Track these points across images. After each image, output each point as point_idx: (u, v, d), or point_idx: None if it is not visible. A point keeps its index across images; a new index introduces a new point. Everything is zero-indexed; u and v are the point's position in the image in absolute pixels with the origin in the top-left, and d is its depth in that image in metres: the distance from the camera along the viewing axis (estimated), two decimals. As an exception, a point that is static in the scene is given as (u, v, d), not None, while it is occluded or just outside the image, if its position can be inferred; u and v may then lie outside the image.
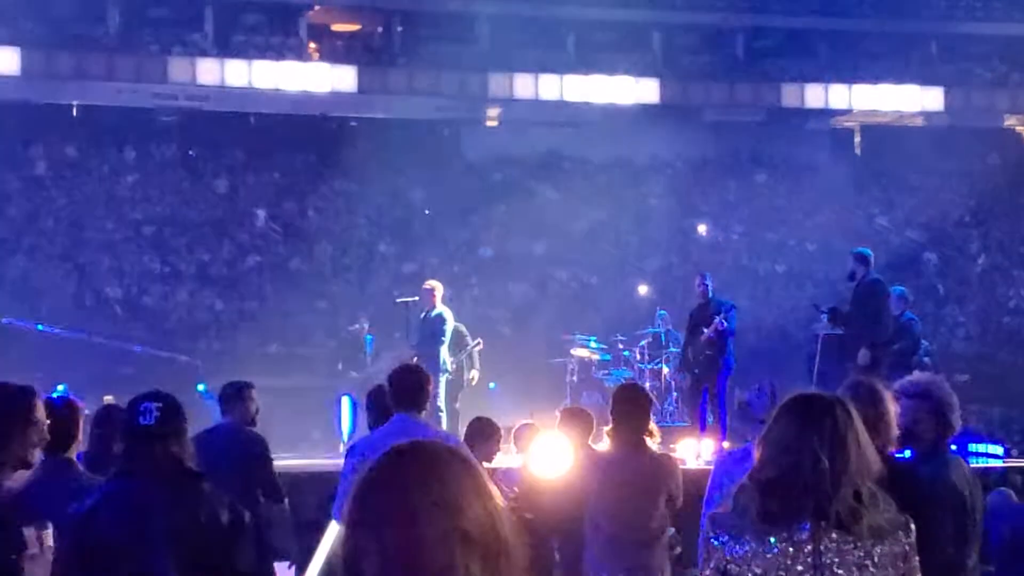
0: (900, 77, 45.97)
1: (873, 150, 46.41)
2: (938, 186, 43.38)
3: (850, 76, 45.77)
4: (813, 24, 45.91)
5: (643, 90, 43.92)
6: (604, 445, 9.59)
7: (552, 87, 43.28)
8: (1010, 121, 47.07)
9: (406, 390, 8.96)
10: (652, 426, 9.30)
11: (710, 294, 18.49)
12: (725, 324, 17.78)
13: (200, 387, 23.39)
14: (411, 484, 2.82)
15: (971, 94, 46.11)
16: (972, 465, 9.87)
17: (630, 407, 9.14)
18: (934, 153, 44.42)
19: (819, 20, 45.97)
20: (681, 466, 10.51)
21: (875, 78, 45.83)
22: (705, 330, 17.86)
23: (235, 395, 10.94)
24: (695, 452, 17.06)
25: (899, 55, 46.55)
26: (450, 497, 2.80)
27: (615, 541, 8.79)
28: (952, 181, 43.67)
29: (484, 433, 10.28)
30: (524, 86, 43.05)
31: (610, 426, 9.20)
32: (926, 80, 46.03)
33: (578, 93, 43.41)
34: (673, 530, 9.08)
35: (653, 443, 9.25)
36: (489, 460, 10.05)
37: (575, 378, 22.04)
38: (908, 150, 44.71)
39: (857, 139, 47.15)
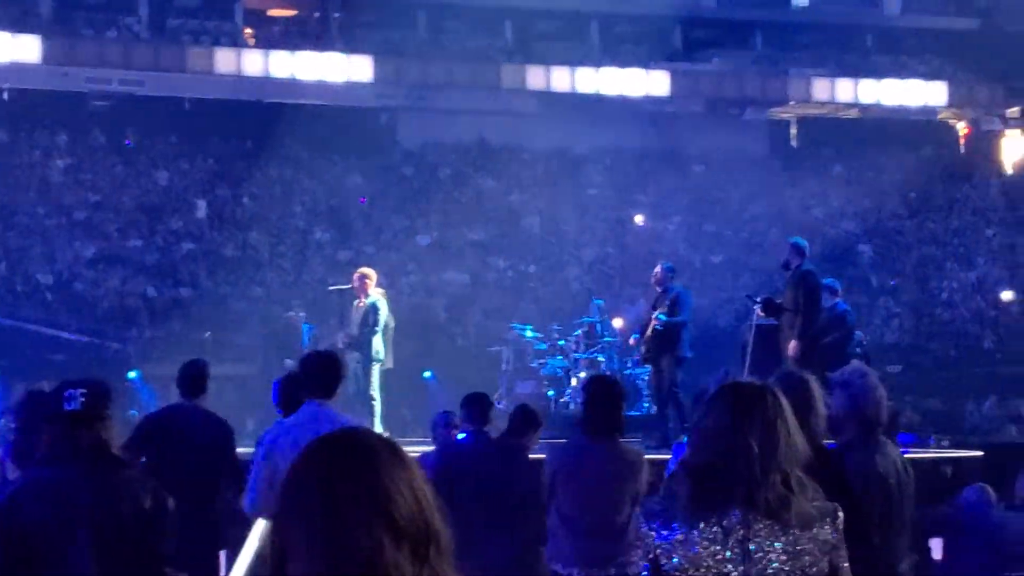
0: (836, 69, 46.26)
1: (809, 142, 46.70)
2: (873, 178, 43.69)
3: (786, 68, 46.03)
4: (750, 15, 46.13)
5: (581, 79, 43.97)
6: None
7: (490, 75, 43.26)
8: (944, 114, 47.40)
9: (317, 377, 8.77)
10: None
11: (666, 284, 18.46)
12: (663, 319, 17.78)
13: (131, 374, 23.27)
14: (339, 474, 2.78)
15: (906, 87, 46.40)
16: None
17: (602, 398, 9.12)
18: (869, 145, 44.77)
19: (756, 12, 46.19)
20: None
21: (811, 70, 46.10)
22: (651, 322, 17.91)
23: (200, 376, 10.48)
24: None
25: (835, 47, 46.85)
26: (379, 487, 2.77)
27: (582, 532, 8.76)
28: (887, 173, 44.00)
29: (529, 422, 10.24)
30: (462, 74, 42.98)
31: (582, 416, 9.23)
32: (862, 73, 46.33)
33: (516, 81, 43.40)
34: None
35: None
36: (530, 448, 10.14)
37: (510, 367, 22.04)
38: (843, 142, 45.06)
39: (793, 131, 47.46)
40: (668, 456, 10.25)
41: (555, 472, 8.93)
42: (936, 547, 10.85)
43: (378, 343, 17.69)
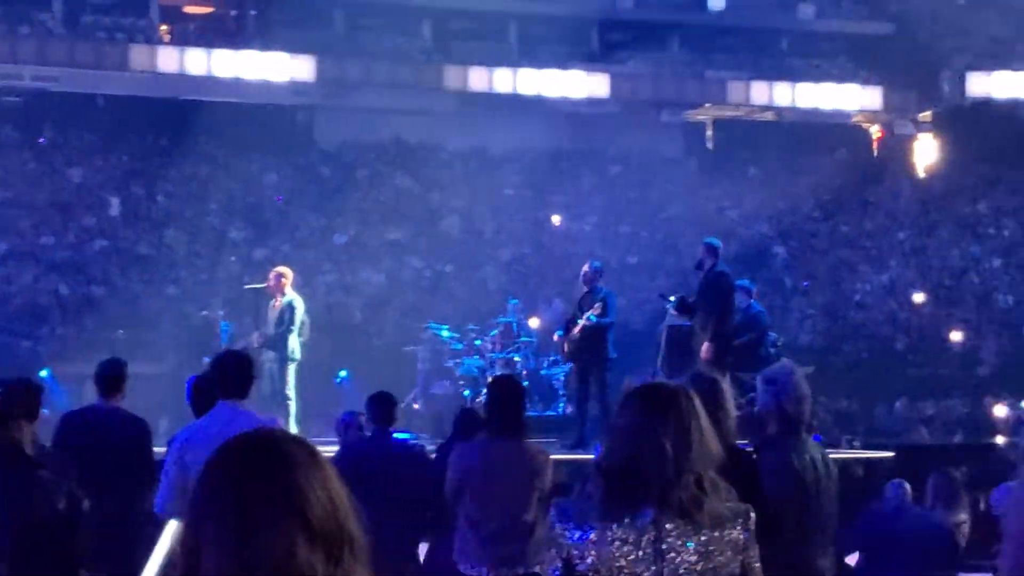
0: (751, 72, 46.49)
1: (725, 143, 46.95)
2: (787, 180, 43.92)
3: (702, 70, 46.22)
4: (667, 18, 46.29)
5: (498, 80, 43.99)
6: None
7: (408, 74, 43.20)
8: (858, 118, 47.77)
9: (230, 377, 8.72)
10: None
11: (594, 284, 18.47)
12: (591, 320, 17.82)
13: (43, 373, 23.05)
14: (253, 474, 2.76)
15: (820, 90, 46.72)
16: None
17: (505, 398, 9.14)
18: (784, 148, 45.04)
19: (673, 14, 46.36)
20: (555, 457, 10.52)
21: (727, 73, 46.32)
22: (580, 321, 17.92)
23: (118, 376, 10.35)
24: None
25: (750, 51, 47.08)
26: (293, 488, 2.75)
27: (489, 532, 8.76)
28: (801, 176, 44.26)
29: (476, 424, 10.26)
30: (380, 73, 42.89)
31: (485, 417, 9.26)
32: (777, 76, 46.60)
33: (434, 81, 43.38)
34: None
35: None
36: None
37: (426, 367, 22.06)
38: (759, 144, 45.30)
39: (709, 132, 47.63)
40: (585, 456, 10.31)
41: (460, 473, 8.94)
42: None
43: (294, 342, 17.68)
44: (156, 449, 10.43)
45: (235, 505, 2.74)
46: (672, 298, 18.30)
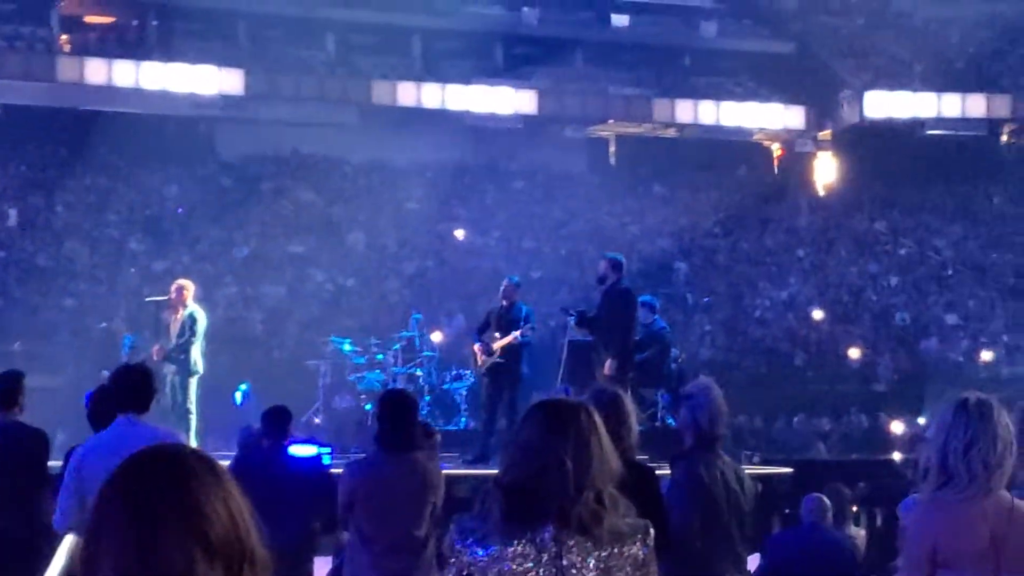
0: (654, 89, 46.75)
1: (627, 160, 47.14)
2: (689, 197, 44.23)
3: (606, 87, 46.41)
4: (571, 34, 46.46)
5: (402, 93, 44.01)
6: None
7: (311, 87, 43.13)
8: (759, 136, 48.16)
9: (130, 390, 8.68)
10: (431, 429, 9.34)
11: (513, 298, 18.50)
12: (527, 336, 17.88)
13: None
14: (152, 491, 2.75)
15: (722, 108, 47.05)
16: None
17: (394, 413, 9.11)
18: (686, 165, 45.33)
19: (576, 31, 46.54)
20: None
21: (630, 90, 46.55)
22: (498, 335, 17.92)
23: (14, 388, 10.21)
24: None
25: (653, 68, 47.35)
26: (193, 504, 2.74)
27: (381, 548, 8.72)
28: (702, 193, 44.59)
29: (424, 434, 10.21)
30: (283, 85, 42.79)
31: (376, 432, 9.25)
32: (679, 93, 46.89)
33: (337, 94, 43.32)
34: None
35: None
36: (432, 459, 10.24)
37: (328, 380, 22.00)
38: (661, 161, 45.56)
39: (612, 148, 47.82)
40: (487, 471, 10.32)
41: (352, 489, 8.92)
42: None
43: (196, 354, 17.60)
44: (53, 463, 10.36)
45: (134, 522, 2.72)
46: (573, 312, 18.32)
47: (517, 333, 17.84)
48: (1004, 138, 47.84)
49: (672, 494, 7.50)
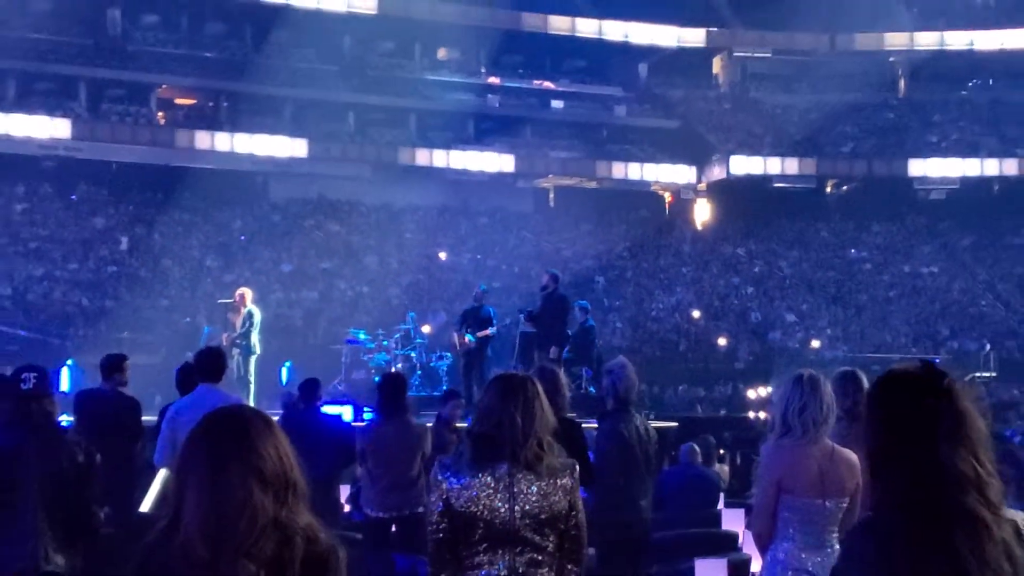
0: (581, 153, 46.80)
1: (562, 203, 47.11)
2: (605, 230, 44.33)
3: (547, 151, 46.39)
4: (522, 113, 46.44)
5: (402, 155, 44.03)
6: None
7: (337, 150, 43.06)
8: (655, 187, 48.19)
9: (207, 366, 8.70)
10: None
11: (483, 300, 18.68)
12: (471, 340, 18.02)
13: (68, 362, 22.64)
14: (223, 438, 2.79)
15: (629, 167, 47.12)
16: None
17: (391, 389, 9.13)
18: (603, 207, 45.40)
19: (525, 111, 46.53)
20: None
21: (564, 153, 46.58)
22: (466, 332, 18.07)
23: (117, 364, 10.05)
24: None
25: (580, 138, 47.41)
26: (251, 447, 2.77)
27: (384, 486, 8.73)
28: (615, 227, 44.67)
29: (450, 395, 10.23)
30: (317, 149, 42.69)
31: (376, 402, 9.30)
32: (599, 156, 46.98)
33: (356, 155, 43.27)
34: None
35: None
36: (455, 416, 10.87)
37: (348, 360, 21.93)
38: (586, 205, 45.59)
39: (551, 195, 47.75)
40: (463, 425, 10.33)
41: (364, 444, 8.96)
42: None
43: (254, 341, 17.59)
44: (147, 418, 10.32)
45: (209, 461, 2.76)
46: (525, 312, 18.39)
47: (492, 330, 18.05)
48: (828, 189, 48.10)
49: (600, 443, 7.54)
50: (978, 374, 31.57)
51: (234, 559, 2.71)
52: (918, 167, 46.64)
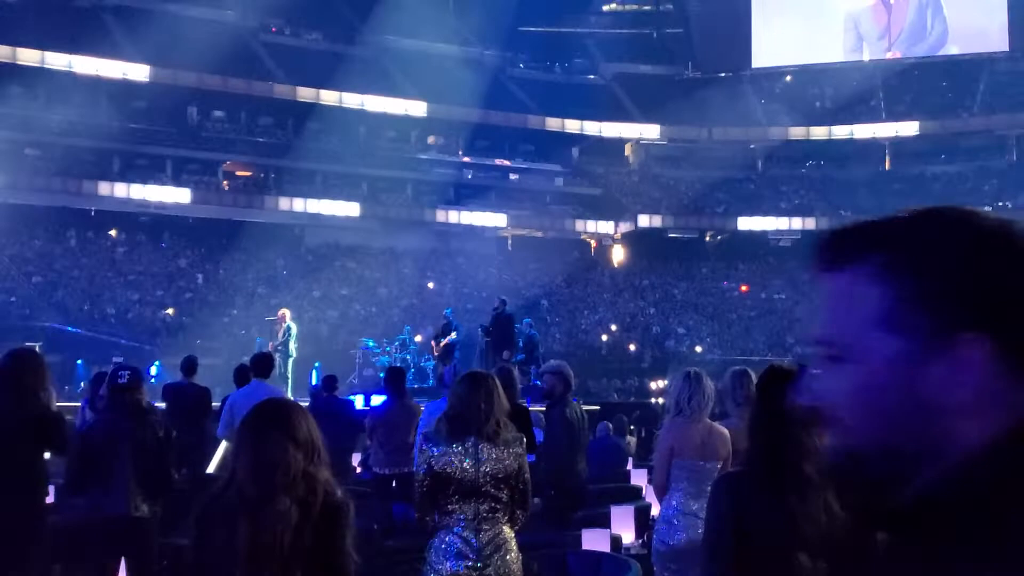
0: (530, 211, 46.69)
1: (518, 247, 47.07)
2: (548, 267, 44.32)
3: (507, 210, 46.30)
4: (490, 183, 46.47)
5: (401, 213, 43.99)
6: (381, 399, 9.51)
7: (353, 209, 42.93)
8: (584, 236, 48.32)
9: (259, 365, 8.68)
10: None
11: (448, 320, 18.89)
12: (452, 340, 18.18)
13: (156, 363, 22.43)
14: (269, 420, 2.87)
15: (566, 222, 47.28)
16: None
17: (395, 378, 9.12)
18: (547, 250, 45.42)
19: (493, 181, 46.57)
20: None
21: (515, 212, 46.56)
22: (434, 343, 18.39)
23: (193, 365, 10.21)
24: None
25: (531, 200, 47.37)
26: (288, 424, 2.84)
27: (389, 449, 8.65)
28: (555, 265, 44.70)
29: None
30: (338, 208, 42.62)
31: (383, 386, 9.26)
32: (543, 214, 47.02)
33: (368, 213, 43.16)
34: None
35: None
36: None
37: (361, 361, 21.83)
38: (535, 249, 45.66)
39: (509, 243, 47.79)
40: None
41: (373, 419, 8.92)
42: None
43: (292, 348, 17.48)
44: (214, 404, 10.22)
45: (257, 433, 2.87)
46: (483, 327, 18.57)
47: (450, 338, 18.18)
48: (707, 238, 48.34)
49: (549, 425, 7.49)
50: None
51: (274, 496, 2.78)
52: (771, 223, 47.08)
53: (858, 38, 51.26)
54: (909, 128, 48.57)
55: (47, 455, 5.45)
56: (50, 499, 5.98)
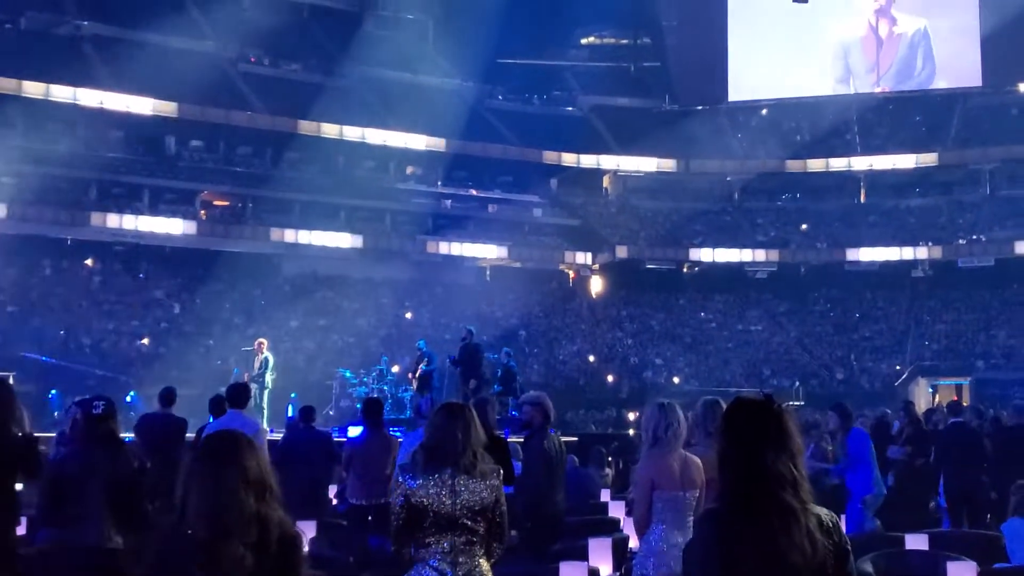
0: (509, 244, 46.74)
1: (495, 278, 47.07)
2: (526, 298, 44.36)
3: (485, 241, 46.30)
4: (468, 214, 46.51)
5: (380, 242, 43.93)
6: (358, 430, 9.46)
7: (332, 239, 42.84)
8: (562, 266, 48.43)
9: (235, 396, 8.63)
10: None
11: (427, 350, 18.88)
12: (428, 368, 18.18)
13: (131, 393, 22.22)
14: (219, 459, 2.84)
15: (544, 252, 47.37)
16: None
17: (372, 410, 9.07)
18: (525, 281, 45.44)
19: (472, 212, 46.63)
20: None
21: (500, 245, 46.65)
22: (411, 374, 18.40)
23: (171, 396, 10.10)
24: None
25: (509, 231, 47.38)
26: (238, 460, 2.82)
27: (366, 480, 8.59)
28: (534, 296, 44.74)
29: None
30: (317, 238, 42.53)
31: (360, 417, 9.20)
32: (521, 244, 47.05)
33: (347, 243, 43.08)
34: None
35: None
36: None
37: (338, 391, 21.73)
38: (512, 280, 45.69)
39: (488, 273, 47.77)
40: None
41: (350, 451, 8.87)
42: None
43: (268, 379, 17.36)
44: (189, 435, 10.13)
45: (208, 470, 2.84)
46: (452, 357, 18.63)
47: (423, 368, 18.18)
48: (684, 270, 48.53)
49: (527, 455, 7.45)
50: (791, 403, 31.86)
51: (227, 540, 2.73)
52: (747, 255, 47.38)
53: (847, 69, 51.79)
54: (884, 161, 49.17)
55: (19, 486, 5.39)
56: (22, 530, 5.91)
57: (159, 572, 2.84)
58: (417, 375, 18.27)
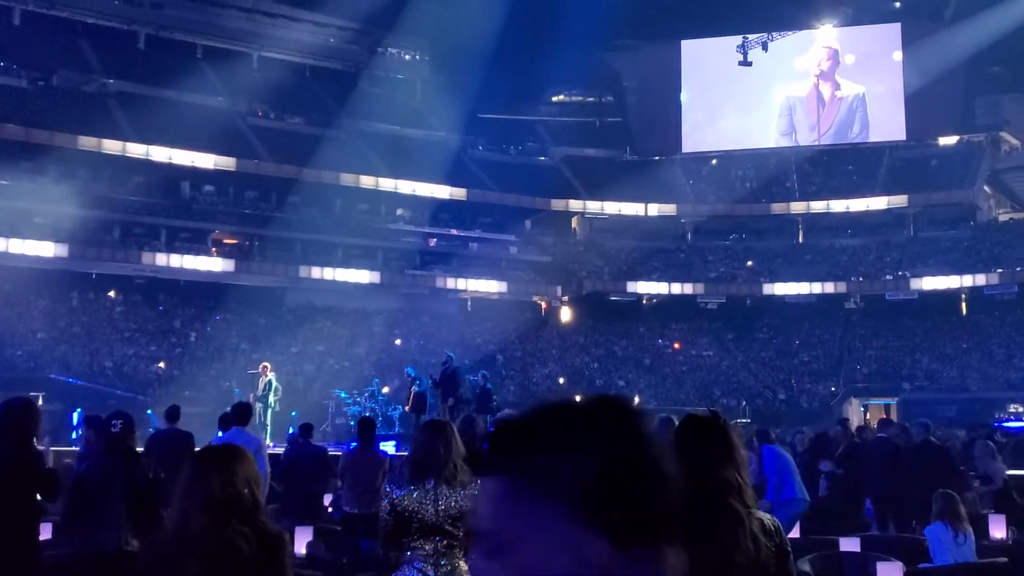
0: (488, 278, 46.64)
1: (477, 308, 47.04)
2: (504, 326, 44.19)
3: (466, 276, 46.36)
4: (450, 251, 46.47)
5: (371, 277, 43.71)
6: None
7: (329, 274, 42.71)
8: (535, 298, 48.36)
9: (239, 414, 8.57)
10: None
11: (417, 375, 18.80)
12: (419, 388, 18.07)
13: (149, 411, 21.96)
14: (211, 465, 2.83)
15: (520, 286, 47.35)
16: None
17: (365, 427, 9.02)
18: (502, 311, 45.36)
19: (453, 249, 46.53)
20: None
21: (475, 280, 46.51)
22: (406, 405, 18.47)
23: (176, 412, 9.95)
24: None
25: (487, 265, 47.36)
26: (229, 470, 2.80)
27: (358, 491, 8.50)
28: (510, 324, 44.39)
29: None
30: (316, 272, 42.36)
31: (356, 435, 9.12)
32: (500, 278, 47.09)
33: (342, 277, 42.88)
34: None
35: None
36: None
37: (334, 410, 21.58)
38: (491, 310, 45.62)
39: (469, 304, 47.71)
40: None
41: (344, 466, 8.80)
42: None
43: (271, 399, 17.21)
44: (196, 449, 10.02)
45: (202, 476, 2.80)
46: (434, 379, 18.60)
47: (416, 388, 18.09)
48: (644, 301, 48.60)
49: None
50: (739, 420, 31.93)
51: (215, 538, 2.71)
52: (699, 288, 47.64)
53: (791, 125, 52.74)
54: (819, 206, 49.79)
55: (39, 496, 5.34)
56: (47, 535, 5.84)
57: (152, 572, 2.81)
58: (411, 399, 18.18)
